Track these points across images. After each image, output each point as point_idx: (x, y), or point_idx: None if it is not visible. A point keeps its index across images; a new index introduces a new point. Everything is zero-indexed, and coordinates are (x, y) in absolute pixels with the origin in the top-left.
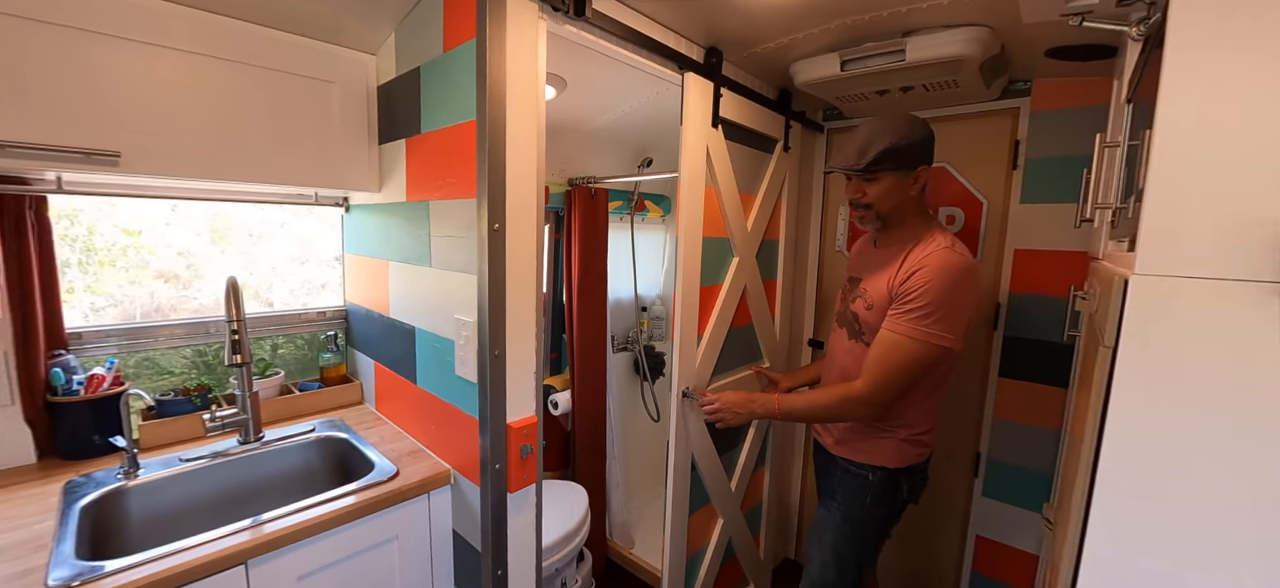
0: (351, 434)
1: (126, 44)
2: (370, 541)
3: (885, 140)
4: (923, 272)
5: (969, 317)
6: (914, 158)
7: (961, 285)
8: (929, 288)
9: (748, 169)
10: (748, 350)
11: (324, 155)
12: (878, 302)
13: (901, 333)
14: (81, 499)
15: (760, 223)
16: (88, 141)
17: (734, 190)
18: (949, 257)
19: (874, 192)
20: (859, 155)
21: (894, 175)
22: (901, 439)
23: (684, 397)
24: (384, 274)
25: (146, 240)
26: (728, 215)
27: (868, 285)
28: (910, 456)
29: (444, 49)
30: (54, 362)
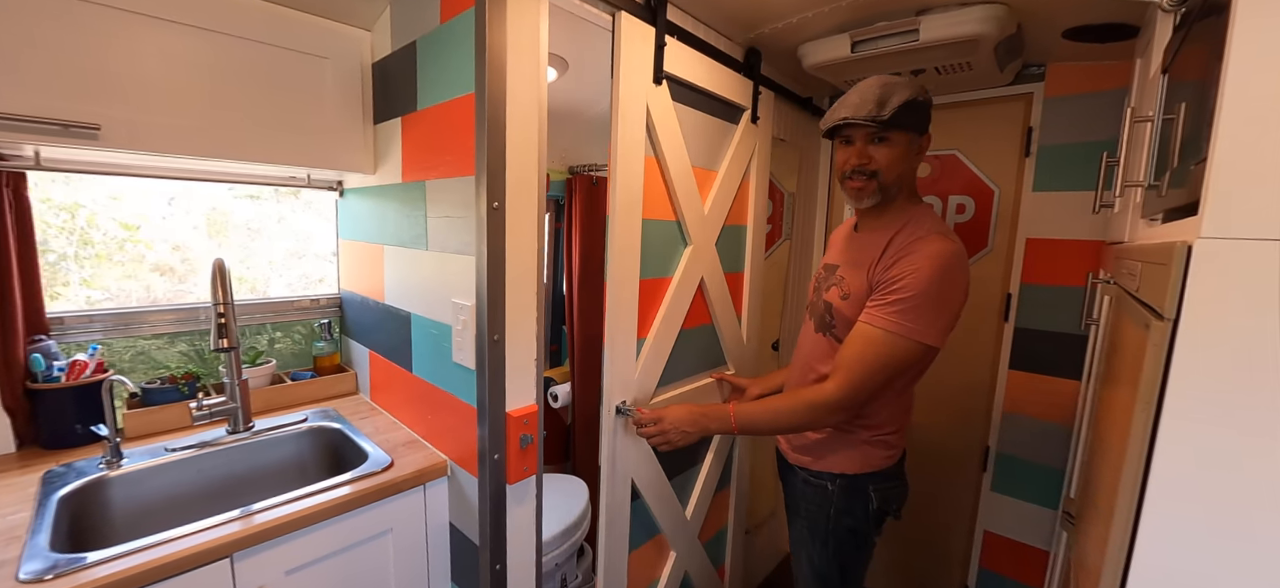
0: (345, 424)
1: (108, 11)
2: (363, 534)
3: (905, 93)
4: (910, 258)
5: (956, 311)
6: (925, 120)
7: (953, 277)
8: (916, 276)
9: (705, 140)
10: (706, 355)
11: (316, 135)
12: (855, 292)
13: (881, 326)
14: (60, 490)
15: (721, 205)
16: (65, 113)
17: (686, 164)
18: (941, 243)
19: (884, 156)
20: (879, 105)
21: (908, 138)
22: (862, 441)
23: (618, 413)
24: (379, 259)
25: (144, 234)
26: (677, 194)
27: (846, 273)
28: (875, 459)
29: (441, 20)
30: (34, 347)
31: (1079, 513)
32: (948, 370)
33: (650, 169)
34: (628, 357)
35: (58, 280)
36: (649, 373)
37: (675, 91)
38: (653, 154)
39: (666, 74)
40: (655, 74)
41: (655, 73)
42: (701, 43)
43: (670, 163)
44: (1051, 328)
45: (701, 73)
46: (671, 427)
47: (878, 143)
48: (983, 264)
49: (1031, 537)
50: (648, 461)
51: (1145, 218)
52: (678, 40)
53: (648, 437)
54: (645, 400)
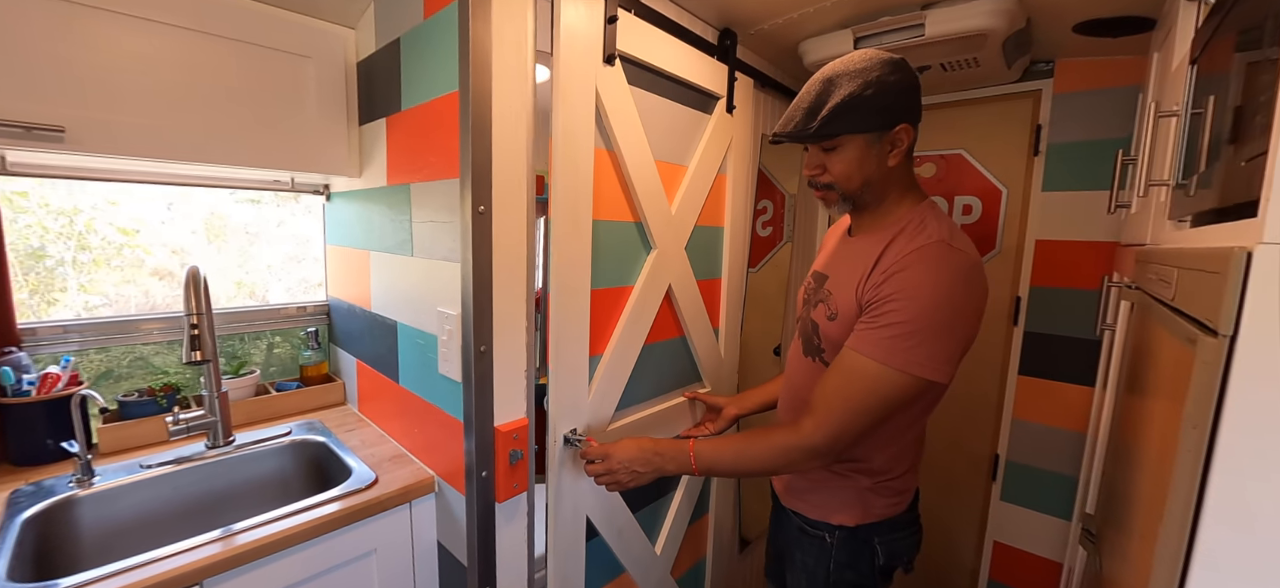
0: (330, 437)
1: (73, 7)
2: (346, 555)
3: (845, 89)
4: (907, 273)
5: (968, 337)
6: (889, 112)
7: (961, 296)
8: (913, 296)
9: (672, 132)
10: (677, 371)
11: (298, 137)
12: (844, 311)
13: (869, 355)
14: (25, 511)
15: (691, 204)
16: (26, 115)
17: (648, 158)
18: (945, 253)
19: (836, 164)
20: (809, 114)
21: (861, 140)
22: (864, 489)
23: (565, 444)
24: (365, 265)
25: (142, 238)
26: (637, 192)
27: (835, 287)
28: (877, 508)
29: (424, 15)
30: (3, 360)
31: (1103, 530)
32: None
33: (603, 163)
34: (577, 378)
35: (55, 286)
36: (606, 395)
37: (633, 74)
38: (605, 146)
39: (621, 54)
40: (605, 53)
41: (605, 51)
42: (663, 19)
43: (627, 156)
44: (1063, 332)
45: (665, 54)
46: (620, 465)
47: (826, 151)
48: (991, 266)
49: (1043, 548)
50: (605, 494)
51: (1172, 220)
52: (634, 16)
53: (594, 476)
54: (601, 427)
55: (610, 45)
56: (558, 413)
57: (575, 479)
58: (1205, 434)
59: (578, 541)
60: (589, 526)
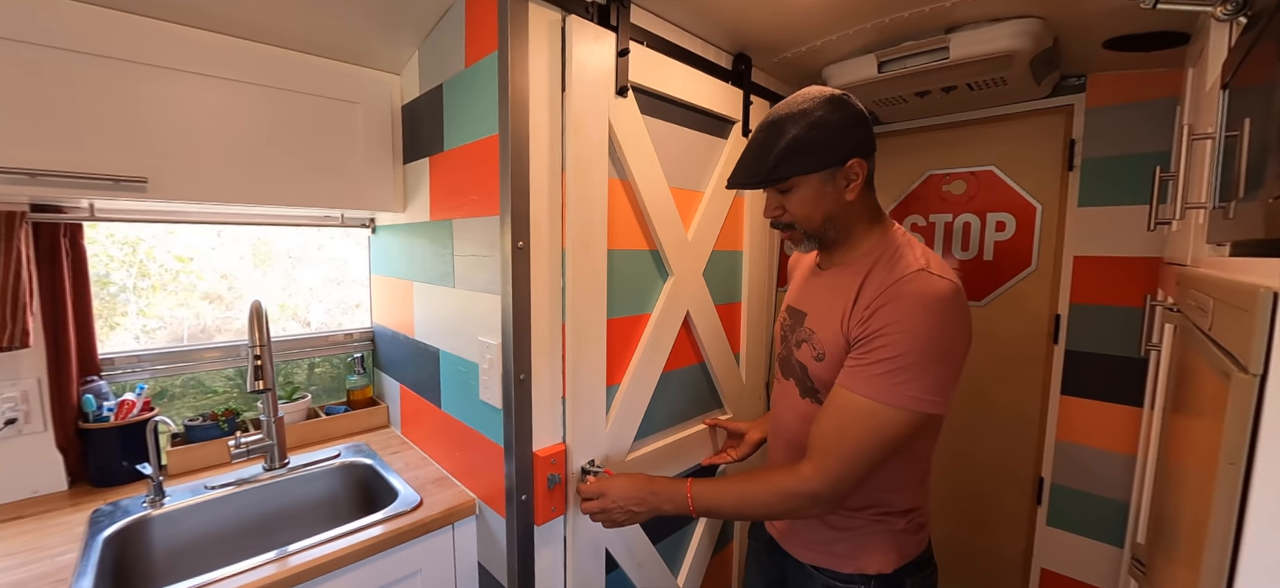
0: (376, 460)
1: (153, 70)
2: (393, 575)
3: (790, 133)
4: (895, 306)
5: (960, 365)
6: (837, 149)
7: (949, 324)
8: (903, 330)
9: (687, 158)
10: (697, 399)
11: (349, 177)
12: (831, 351)
13: (865, 394)
14: (106, 530)
15: (708, 229)
16: (116, 168)
17: (662, 186)
18: (927, 283)
19: (794, 205)
20: (758, 161)
21: (815, 179)
22: (900, 530)
23: (582, 475)
24: (409, 295)
25: (195, 265)
26: (652, 220)
27: (816, 325)
28: (910, 548)
29: (466, 64)
30: (86, 388)
31: (1151, 560)
32: (993, 396)
33: (617, 193)
34: (595, 409)
35: (118, 310)
36: (624, 425)
37: (646, 104)
38: (619, 176)
39: (633, 85)
40: (617, 85)
41: (617, 83)
42: (676, 48)
43: (642, 185)
44: (1106, 351)
45: (679, 82)
46: (615, 504)
47: (783, 193)
48: (1028, 283)
49: (1094, 576)
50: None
51: (1211, 243)
52: (646, 47)
53: (590, 514)
54: (620, 457)
55: (622, 78)
56: (575, 444)
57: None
58: (1241, 470)
59: (598, 573)
60: (609, 558)
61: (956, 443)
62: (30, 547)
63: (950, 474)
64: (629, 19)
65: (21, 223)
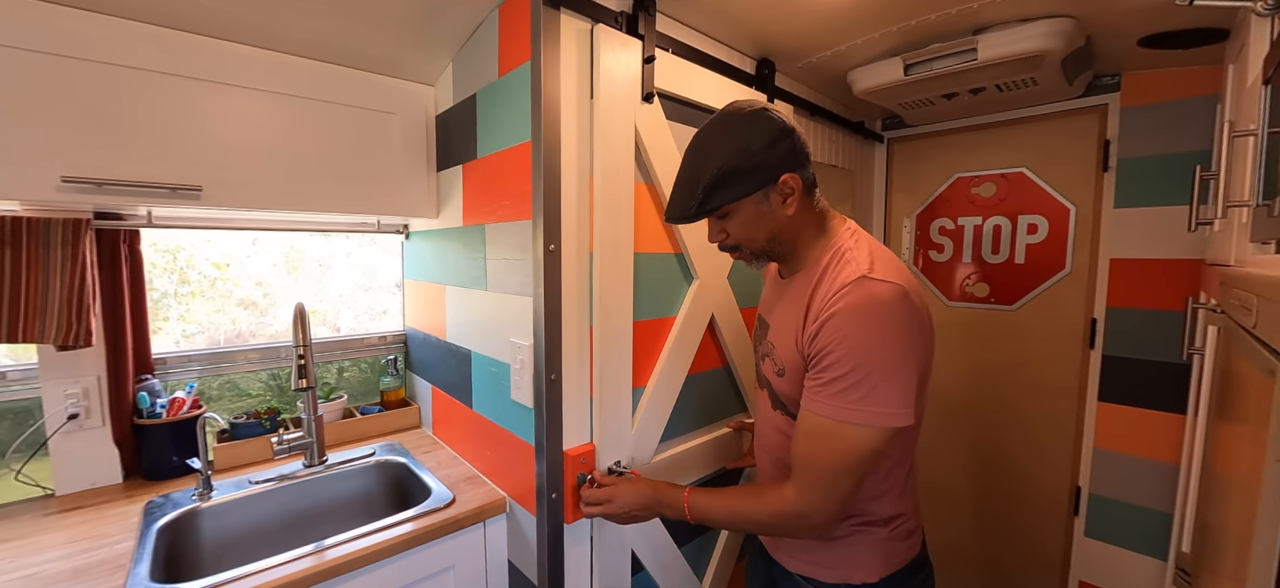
0: (409, 458)
1: (206, 85)
2: (426, 570)
3: (716, 163)
4: (835, 321)
5: (917, 369)
6: (764, 170)
7: (893, 330)
8: (848, 347)
9: None
10: (721, 402)
11: (385, 184)
12: (789, 365)
13: (824, 414)
14: (159, 520)
15: None
16: (173, 177)
17: None
18: (868, 291)
19: (735, 229)
20: (687, 193)
21: (749, 202)
22: (885, 538)
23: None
24: (441, 298)
25: (231, 272)
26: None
27: (776, 337)
28: (899, 555)
29: (499, 73)
30: (140, 386)
31: (1197, 571)
32: (1026, 403)
33: (643, 197)
34: (621, 411)
35: (160, 315)
36: (649, 427)
37: (670, 110)
38: (644, 180)
39: (659, 91)
40: (643, 91)
41: (643, 90)
42: (702, 55)
43: (667, 189)
44: (1145, 356)
45: (704, 88)
46: (621, 509)
47: (721, 219)
48: (1062, 287)
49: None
50: (652, 527)
51: (1255, 242)
52: (671, 54)
53: (589, 509)
54: (646, 459)
55: (648, 84)
56: (602, 446)
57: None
58: None
59: (624, 573)
60: (635, 560)
61: (987, 452)
62: (90, 535)
63: (981, 484)
64: (655, 27)
65: (86, 229)
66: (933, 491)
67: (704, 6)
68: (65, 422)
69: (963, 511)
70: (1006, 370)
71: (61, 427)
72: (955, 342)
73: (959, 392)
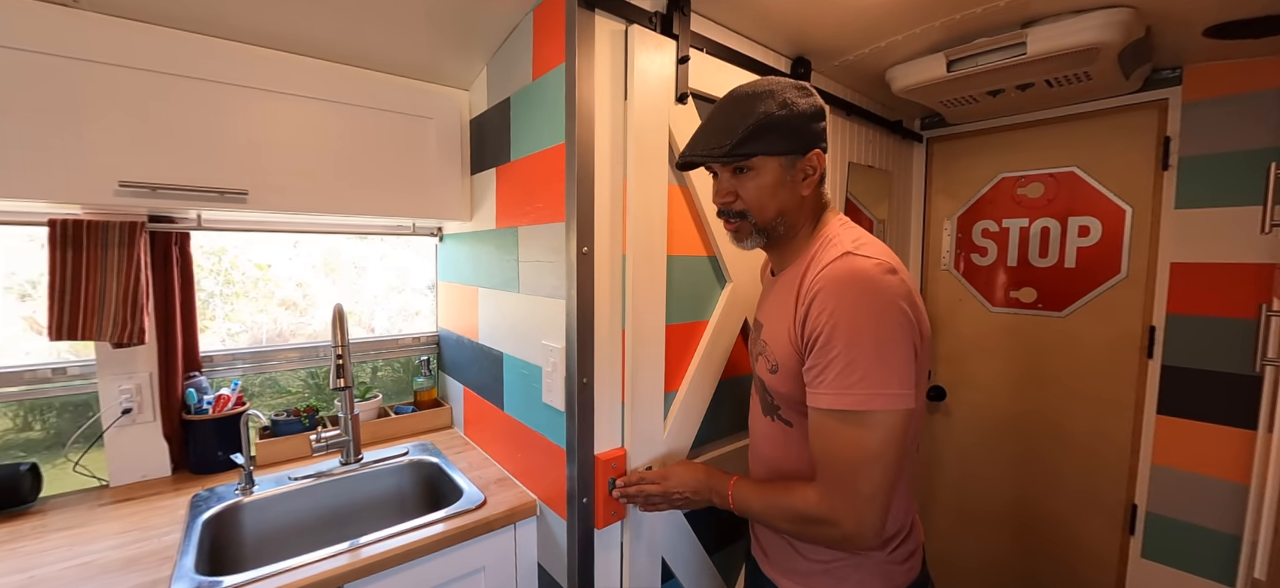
0: (441, 459)
1: (252, 92)
2: (458, 570)
3: (763, 110)
4: (820, 298)
5: (911, 348)
6: (802, 135)
7: (881, 301)
8: (834, 318)
9: None
10: None
11: (421, 187)
12: (783, 360)
13: (827, 407)
14: (204, 514)
15: None
16: (221, 182)
17: None
18: (850, 264)
19: (749, 191)
20: (721, 134)
21: (777, 164)
22: (880, 562)
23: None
24: (474, 300)
25: (273, 273)
26: (711, 226)
27: (769, 336)
28: (899, 578)
29: (533, 77)
30: (189, 383)
31: None
32: (1076, 414)
33: (676, 199)
34: (653, 415)
35: (206, 315)
36: (681, 432)
37: (704, 111)
38: (677, 183)
39: (693, 91)
40: (677, 92)
41: (677, 91)
42: (735, 54)
43: (701, 191)
44: (1210, 367)
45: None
46: (676, 488)
47: (739, 174)
48: (1118, 292)
49: None
50: (682, 534)
51: None
52: (705, 54)
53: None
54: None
55: (682, 85)
56: (634, 450)
57: (650, 520)
58: None
59: (654, 580)
60: (665, 567)
61: (1033, 466)
62: (141, 525)
63: (1026, 500)
64: (689, 27)
65: (141, 232)
66: (972, 507)
67: (739, 5)
68: (119, 416)
69: (1005, 529)
70: (1054, 380)
71: (116, 421)
72: (999, 349)
73: (1003, 402)
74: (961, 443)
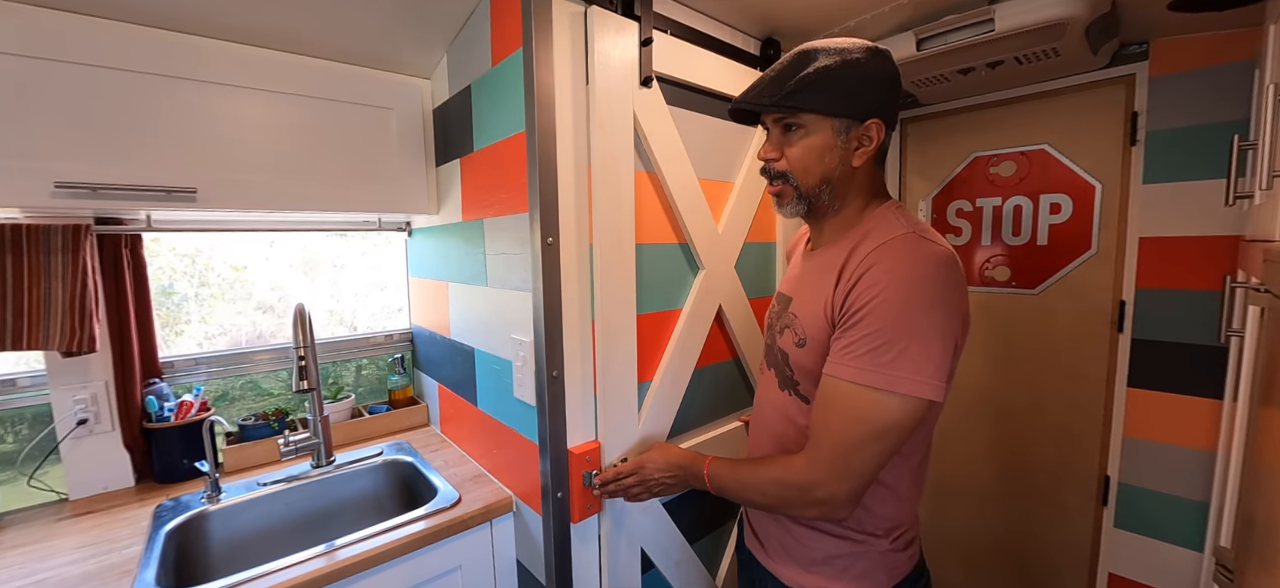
0: (417, 457)
1: (199, 85)
2: (434, 570)
3: (821, 61)
4: (872, 275)
5: (955, 342)
6: (862, 99)
7: (938, 290)
8: (885, 299)
9: (715, 148)
10: (731, 395)
11: (384, 181)
12: (814, 334)
13: (847, 378)
14: (167, 524)
15: (740, 221)
16: (167, 180)
17: (690, 177)
18: (915, 245)
19: (796, 151)
20: (775, 82)
21: (829, 126)
22: (885, 550)
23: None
24: (444, 295)
25: (250, 275)
26: (681, 213)
27: (800, 308)
28: (901, 567)
29: (492, 62)
30: (149, 390)
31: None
32: (1050, 389)
33: (644, 186)
34: (627, 407)
35: (181, 318)
36: (657, 422)
37: (671, 94)
38: (645, 169)
39: (658, 75)
40: (641, 76)
41: (641, 75)
42: (703, 37)
43: (670, 177)
44: (1179, 338)
45: (705, 71)
46: (653, 475)
47: (788, 131)
48: (1088, 268)
49: (1170, 583)
50: (661, 524)
51: None
52: (670, 36)
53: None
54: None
55: (646, 68)
56: (608, 443)
57: (628, 511)
58: None
59: (634, 572)
60: (645, 558)
61: (1010, 441)
62: (100, 539)
63: (1004, 475)
64: (651, 8)
65: (87, 235)
66: (953, 483)
67: None
68: (74, 427)
69: (985, 503)
70: (1029, 356)
71: (71, 432)
72: (975, 328)
73: (978, 378)
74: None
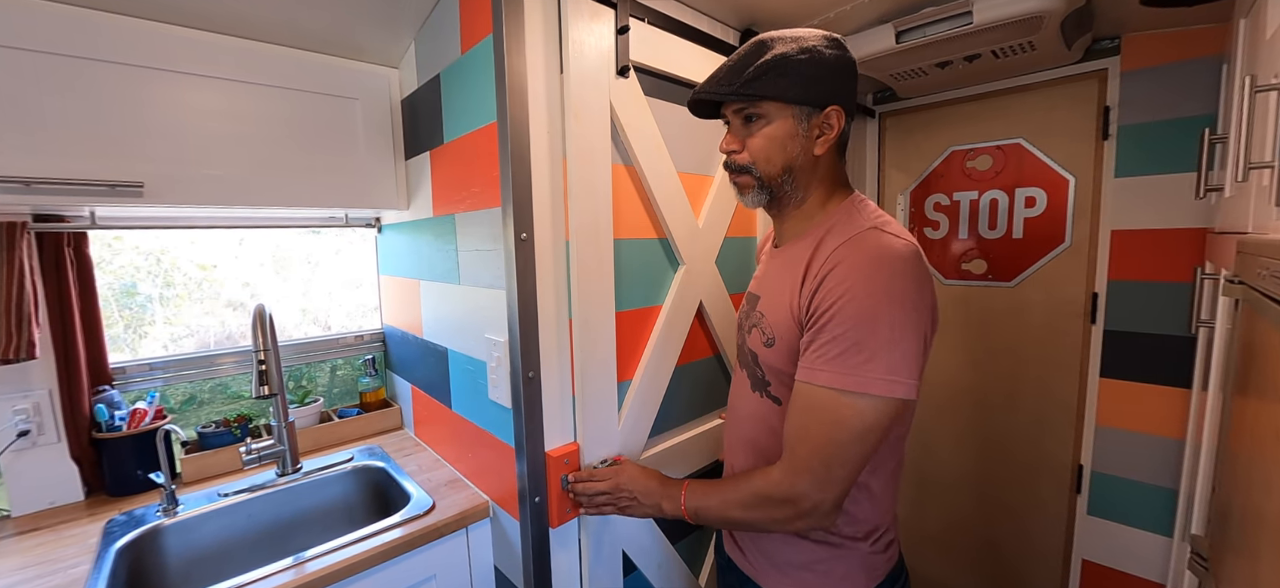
0: (389, 463)
1: (143, 72)
2: (408, 580)
3: (778, 50)
4: (840, 271)
5: (925, 337)
6: (821, 86)
7: (906, 288)
8: (850, 296)
9: (694, 141)
10: (713, 393)
11: (350, 175)
12: (781, 333)
13: (820, 383)
14: (118, 541)
15: (720, 215)
16: (111, 174)
17: (670, 171)
18: (878, 242)
19: (757, 141)
20: (733, 72)
21: (789, 114)
22: (866, 552)
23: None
24: (416, 294)
25: (218, 273)
26: (660, 207)
27: (767, 307)
28: (880, 568)
29: (462, 50)
30: (98, 398)
31: (1218, 554)
32: (1026, 380)
33: (621, 179)
34: (606, 407)
35: (146, 319)
36: (638, 421)
37: (649, 85)
38: (623, 161)
39: (635, 64)
40: (618, 65)
41: (618, 64)
42: (679, 25)
43: (648, 170)
44: (1150, 329)
45: (684, 61)
46: (626, 489)
47: (749, 121)
48: (1062, 261)
49: (1141, 566)
50: (643, 527)
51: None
52: (647, 24)
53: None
54: (635, 455)
55: (623, 57)
56: (586, 444)
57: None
58: None
59: (615, 576)
60: (626, 561)
61: (986, 432)
62: (44, 559)
63: (980, 465)
64: None
65: (24, 233)
66: (930, 474)
67: None
68: (15, 439)
69: (961, 493)
70: (1005, 348)
71: (11, 444)
72: (952, 320)
73: (956, 371)
74: (919, 413)
